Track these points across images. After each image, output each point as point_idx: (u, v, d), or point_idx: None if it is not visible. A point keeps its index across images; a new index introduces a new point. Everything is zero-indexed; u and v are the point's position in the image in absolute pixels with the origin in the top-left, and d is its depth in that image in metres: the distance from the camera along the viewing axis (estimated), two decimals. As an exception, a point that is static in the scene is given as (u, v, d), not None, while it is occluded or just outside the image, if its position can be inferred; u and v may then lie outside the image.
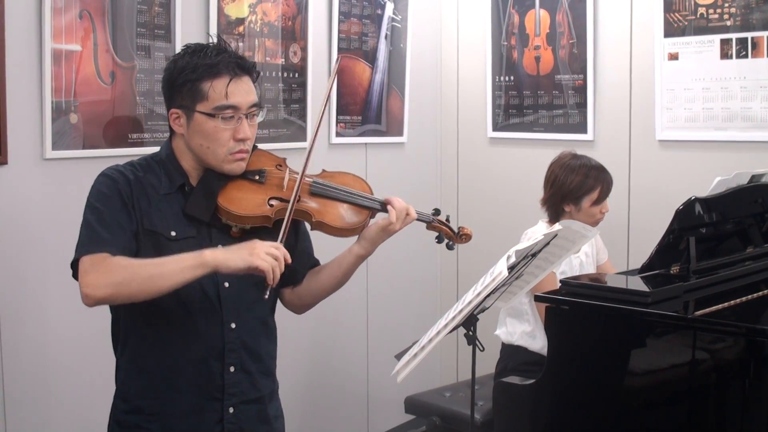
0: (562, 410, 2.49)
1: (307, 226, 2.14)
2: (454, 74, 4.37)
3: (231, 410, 2.01)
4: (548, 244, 2.21)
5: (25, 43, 2.65)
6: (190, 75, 1.94)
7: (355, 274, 2.21)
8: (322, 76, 3.73)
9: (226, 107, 1.94)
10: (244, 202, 2.00)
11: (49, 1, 2.66)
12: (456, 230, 2.27)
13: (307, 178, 2.10)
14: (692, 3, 3.49)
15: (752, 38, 3.36)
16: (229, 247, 1.88)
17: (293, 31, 3.56)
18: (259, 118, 2.05)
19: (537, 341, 3.17)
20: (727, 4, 3.41)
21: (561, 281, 2.58)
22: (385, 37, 4.03)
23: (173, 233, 1.95)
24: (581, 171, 3.17)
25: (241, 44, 3.30)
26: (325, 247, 2.33)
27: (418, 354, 2.14)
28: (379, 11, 3.99)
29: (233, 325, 2.00)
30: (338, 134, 3.83)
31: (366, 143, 4.00)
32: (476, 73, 4.26)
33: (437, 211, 2.25)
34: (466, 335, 2.19)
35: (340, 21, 3.77)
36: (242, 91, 1.97)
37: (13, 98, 2.62)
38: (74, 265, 1.88)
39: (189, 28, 3.11)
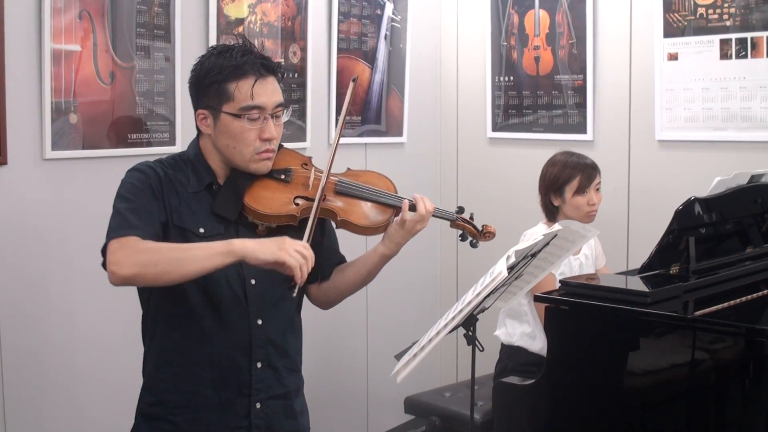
0: (561, 410, 2.49)
1: (333, 224, 2.18)
2: (454, 74, 4.37)
3: (258, 405, 2.05)
4: (548, 244, 2.21)
5: (25, 43, 2.65)
6: (216, 76, 1.97)
7: (355, 274, 2.23)
8: (322, 76, 3.73)
9: (252, 108, 1.97)
10: (270, 201, 2.03)
11: (48, 1, 2.66)
12: (480, 228, 2.29)
13: (332, 177, 2.13)
14: (692, 3, 3.49)
15: (752, 38, 3.36)
16: (259, 239, 1.90)
17: (293, 32, 3.56)
18: (284, 118, 2.07)
19: (536, 342, 3.17)
20: (726, 5, 3.41)
21: (560, 281, 2.58)
22: (385, 38, 4.03)
23: (202, 230, 1.98)
24: (561, 162, 3.24)
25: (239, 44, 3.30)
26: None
27: (417, 354, 2.14)
28: (379, 11, 3.99)
29: (260, 322, 2.03)
30: (338, 134, 3.83)
31: (365, 143, 4.00)
32: (476, 74, 4.27)
33: (461, 209, 2.28)
34: (465, 335, 2.19)
35: (339, 21, 3.77)
36: (268, 92, 2.00)
37: (13, 98, 2.62)
38: (104, 251, 1.88)
39: (188, 28, 3.11)
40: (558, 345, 2.48)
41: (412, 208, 2.13)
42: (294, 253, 1.84)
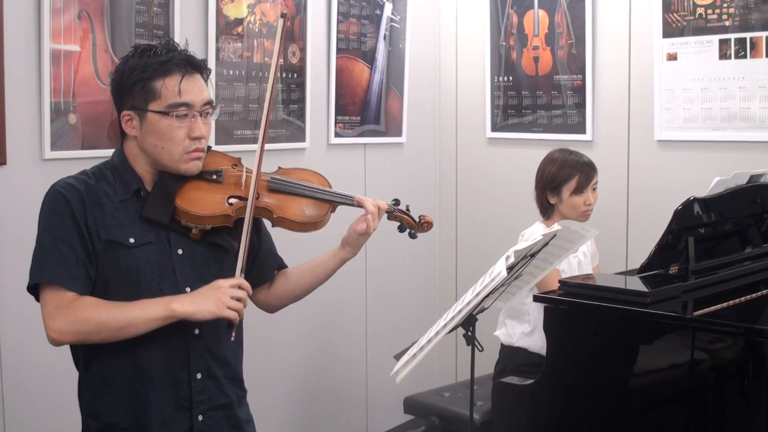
0: (561, 410, 2.49)
1: (268, 223, 2.13)
2: (453, 74, 4.37)
3: (200, 418, 1.99)
4: (547, 244, 2.21)
5: (24, 43, 2.65)
6: (140, 74, 1.92)
7: (354, 275, 2.23)
8: (321, 76, 3.73)
9: (180, 105, 1.92)
10: (203, 202, 1.97)
11: (47, 1, 2.66)
12: (417, 219, 2.25)
13: (264, 175, 2.08)
14: (691, 3, 3.50)
15: (751, 38, 3.36)
16: (195, 294, 1.90)
17: (292, 32, 3.56)
18: (213, 117, 2.02)
19: (536, 342, 3.17)
20: (725, 5, 3.41)
21: (560, 281, 2.58)
22: (384, 38, 4.03)
23: (132, 240, 1.92)
24: (559, 161, 3.23)
25: (239, 45, 3.30)
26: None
27: (417, 354, 2.14)
28: (378, 11, 3.99)
29: (197, 331, 1.98)
30: (337, 135, 3.83)
31: (365, 143, 4.00)
32: (475, 74, 4.27)
33: (397, 201, 2.24)
34: (465, 335, 2.19)
35: (338, 21, 3.77)
36: (195, 89, 1.95)
37: (12, 99, 2.62)
38: (33, 290, 1.90)
39: (188, 28, 3.11)
40: (557, 345, 2.48)
41: (364, 210, 2.12)
42: (232, 303, 1.87)
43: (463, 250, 4.36)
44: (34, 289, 1.91)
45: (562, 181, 3.19)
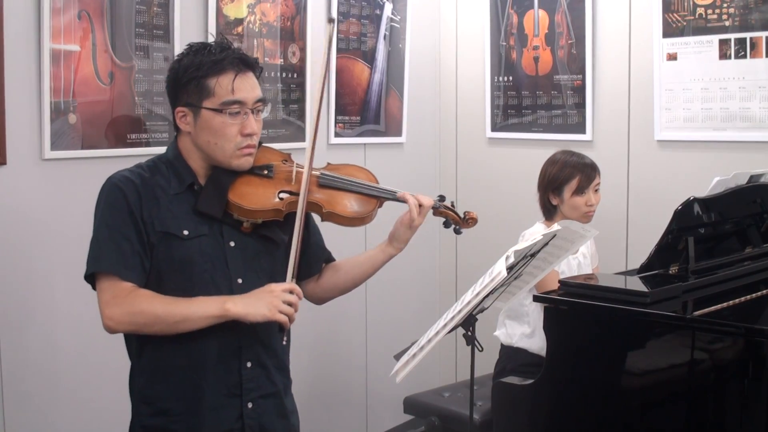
0: (560, 410, 2.49)
1: (317, 218, 2.19)
2: (453, 74, 4.37)
3: (249, 405, 2.05)
4: (547, 244, 2.21)
5: (24, 43, 2.65)
6: (195, 72, 1.98)
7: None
8: (321, 76, 3.72)
9: (233, 102, 1.98)
10: (254, 196, 2.03)
11: (47, 1, 2.65)
12: (462, 215, 2.31)
13: (314, 171, 2.14)
14: (691, 3, 3.49)
15: (751, 38, 3.36)
16: (249, 296, 1.96)
17: (292, 32, 3.56)
18: (264, 114, 2.08)
19: (536, 343, 3.17)
20: (725, 5, 3.41)
21: (560, 281, 2.58)
22: (384, 38, 4.03)
23: (186, 232, 1.98)
24: (561, 161, 3.24)
25: (239, 44, 3.30)
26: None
27: (416, 354, 2.14)
28: (378, 11, 3.99)
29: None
30: (337, 134, 3.83)
31: (365, 143, 4.00)
32: (475, 74, 4.27)
33: (442, 197, 2.30)
34: (465, 335, 2.19)
35: (338, 21, 3.77)
36: (247, 87, 2.00)
37: (12, 98, 2.62)
38: (90, 279, 1.96)
39: (188, 28, 3.11)
40: (557, 345, 2.48)
41: (409, 205, 2.18)
42: (283, 307, 1.94)
43: (463, 250, 4.36)
44: (91, 278, 1.96)
45: (563, 181, 3.19)
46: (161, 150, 3.01)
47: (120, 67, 2.89)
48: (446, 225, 2.31)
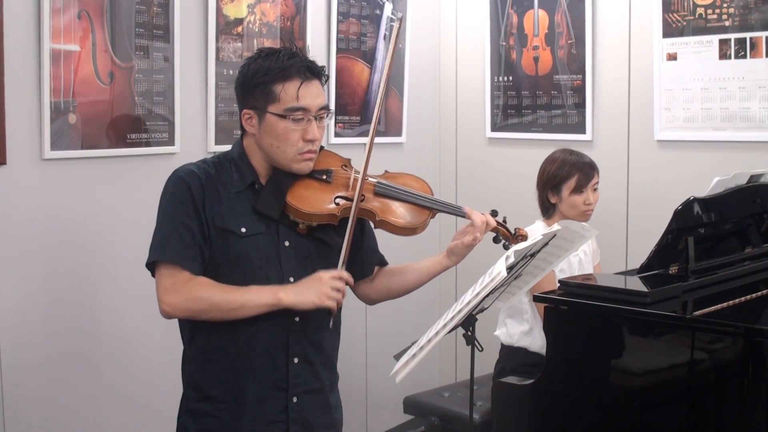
0: (560, 410, 2.49)
1: (371, 224, 2.25)
2: (453, 74, 4.37)
3: (295, 399, 2.12)
4: (547, 244, 2.21)
5: (24, 43, 2.65)
6: (262, 78, 2.04)
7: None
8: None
9: (297, 109, 2.04)
10: (311, 200, 2.10)
11: (47, 1, 2.66)
12: (513, 231, 2.35)
13: (371, 179, 2.20)
14: (691, 3, 3.50)
15: (751, 38, 3.36)
16: (299, 284, 2.05)
17: (292, 32, 3.56)
18: (327, 121, 2.13)
19: (536, 342, 3.17)
20: (725, 5, 3.41)
21: (560, 281, 2.58)
22: (384, 37, 4.03)
23: (243, 230, 2.05)
24: (560, 160, 3.25)
25: (239, 44, 3.30)
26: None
27: (416, 354, 2.14)
28: (378, 11, 3.99)
29: (297, 319, 2.10)
30: (337, 134, 3.83)
31: (365, 143, 3.99)
32: (475, 74, 4.26)
33: (495, 213, 2.33)
34: (465, 335, 2.19)
35: (338, 21, 3.77)
36: (312, 94, 2.06)
37: (12, 98, 2.62)
38: (151, 266, 2.04)
39: (188, 28, 3.11)
40: (557, 345, 2.48)
41: (472, 222, 2.24)
42: (332, 293, 2.03)
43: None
44: (152, 265, 2.04)
45: (561, 179, 3.20)
46: (161, 150, 3.03)
47: (120, 67, 2.89)
48: (496, 240, 2.36)
